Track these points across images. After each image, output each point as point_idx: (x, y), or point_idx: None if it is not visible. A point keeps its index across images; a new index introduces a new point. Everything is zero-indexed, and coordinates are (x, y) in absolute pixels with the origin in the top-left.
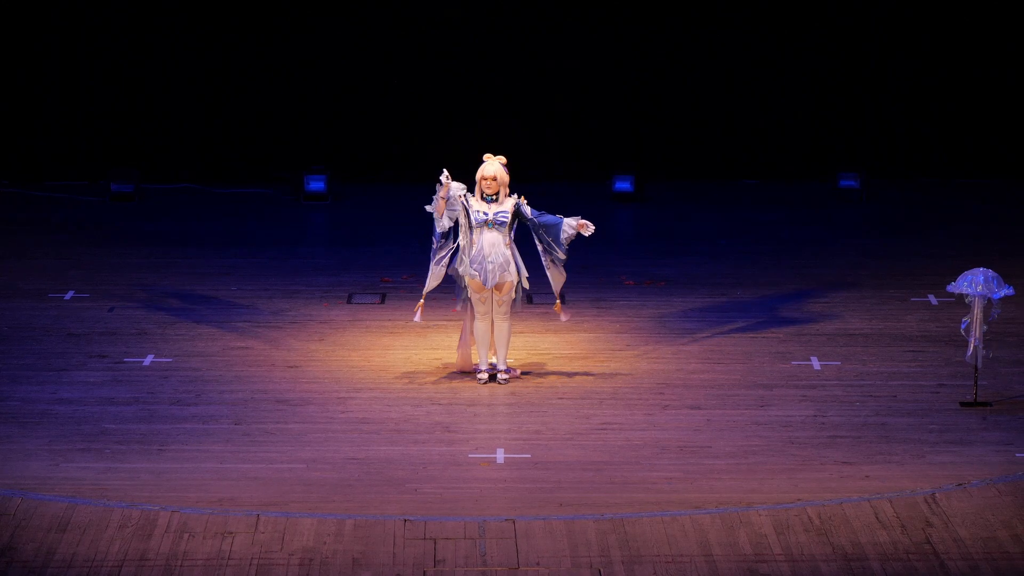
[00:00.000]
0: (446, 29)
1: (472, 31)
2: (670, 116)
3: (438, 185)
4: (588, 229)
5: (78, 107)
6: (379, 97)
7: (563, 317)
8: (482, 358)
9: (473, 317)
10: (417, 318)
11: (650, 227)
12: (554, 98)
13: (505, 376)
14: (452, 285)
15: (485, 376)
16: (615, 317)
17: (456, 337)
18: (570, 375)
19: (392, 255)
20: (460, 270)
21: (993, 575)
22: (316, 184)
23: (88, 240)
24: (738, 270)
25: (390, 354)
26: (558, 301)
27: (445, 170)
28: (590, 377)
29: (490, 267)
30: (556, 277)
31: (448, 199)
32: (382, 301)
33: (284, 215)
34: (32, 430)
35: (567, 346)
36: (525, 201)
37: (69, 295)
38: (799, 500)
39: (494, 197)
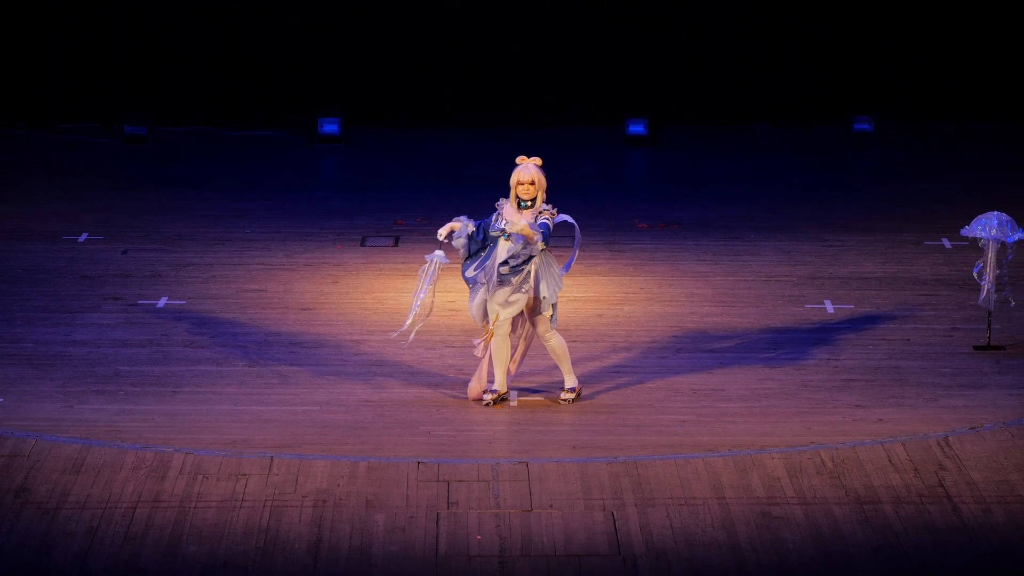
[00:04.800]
0: None
1: None
2: (684, 60)
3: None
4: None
5: (91, 49)
6: (393, 39)
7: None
8: (497, 376)
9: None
10: (410, 338)
11: (663, 171)
12: (568, 41)
13: (569, 395)
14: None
15: (489, 398)
16: (628, 260)
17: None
18: (583, 318)
19: (406, 198)
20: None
21: (1005, 518)
22: (330, 127)
23: (102, 182)
24: (751, 214)
25: (403, 297)
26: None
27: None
28: (603, 320)
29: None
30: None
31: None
32: (395, 244)
33: (298, 158)
34: (46, 372)
35: (580, 289)
36: (550, 216)
37: (83, 237)
38: (812, 443)
39: (529, 203)
